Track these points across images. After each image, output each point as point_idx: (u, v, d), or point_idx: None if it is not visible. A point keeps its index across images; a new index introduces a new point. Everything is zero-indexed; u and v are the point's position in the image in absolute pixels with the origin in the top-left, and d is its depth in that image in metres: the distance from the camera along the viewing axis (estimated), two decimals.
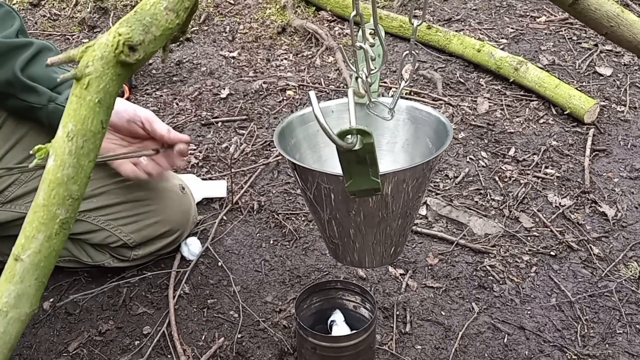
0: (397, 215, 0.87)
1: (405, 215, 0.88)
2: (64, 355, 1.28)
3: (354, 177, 0.72)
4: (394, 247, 0.93)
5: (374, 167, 0.71)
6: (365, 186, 0.73)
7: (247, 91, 2.20)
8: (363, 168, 0.71)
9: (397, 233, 0.91)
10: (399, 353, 1.27)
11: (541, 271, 1.48)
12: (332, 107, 1.00)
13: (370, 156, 0.69)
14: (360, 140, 0.67)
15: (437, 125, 0.94)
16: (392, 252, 0.94)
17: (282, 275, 1.46)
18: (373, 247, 0.91)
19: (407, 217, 0.90)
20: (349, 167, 0.71)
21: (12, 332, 0.57)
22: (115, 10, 2.84)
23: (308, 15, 2.77)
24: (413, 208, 0.89)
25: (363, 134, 0.66)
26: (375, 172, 0.72)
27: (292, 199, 1.70)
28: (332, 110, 0.99)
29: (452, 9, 2.82)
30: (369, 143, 0.67)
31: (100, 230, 1.35)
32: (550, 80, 2.10)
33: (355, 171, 0.72)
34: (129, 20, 0.58)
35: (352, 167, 0.71)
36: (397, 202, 0.84)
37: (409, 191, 0.84)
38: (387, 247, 0.92)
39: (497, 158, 1.87)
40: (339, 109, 0.99)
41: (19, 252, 0.56)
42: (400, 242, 0.94)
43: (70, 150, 0.56)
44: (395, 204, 0.84)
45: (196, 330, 1.33)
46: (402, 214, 0.87)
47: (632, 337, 1.32)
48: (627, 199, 1.70)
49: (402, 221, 0.89)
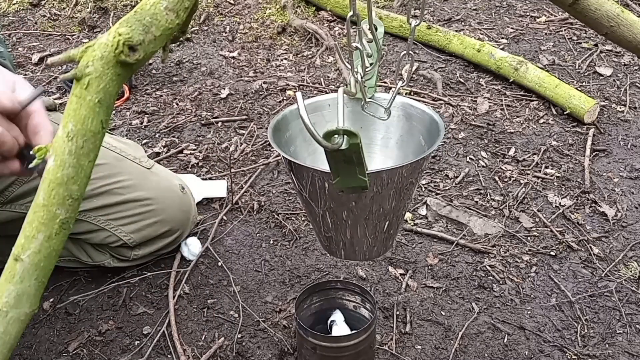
0: (390, 210, 0.88)
1: (397, 209, 0.89)
2: (64, 355, 1.28)
3: (342, 175, 0.73)
4: (385, 240, 0.94)
5: (360, 166, 0.72)
6: (353, 184, 0.74)
7: (247, 91, 2.20)
8: (350, 167, 0.71)
9: (389, 226, 0.92)
10: (399, 353, 1.27)
11: (541, 271, 1.48)
12: (329, 101, 1.00)
13: (357, 156, 0.69)
14: (346, 140, 0.67)
15: (430, 123, 0.94)
16: (384, 244, 0.95)
17: (282, 275, 1.46)
18: (366, 239, 0.92)
19: (399, 210, 0.91)
20: (336, 165, 0.72)
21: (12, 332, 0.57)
22: (115, 10, 2.84)
23: (308, 15, 2.77)
24: (404, 203, 0.90)
25: (349, 134, 0.67)
26: (362, 170, 0.72)
27: (292, 199, 1.70)
28: (329, 104, 1.00)
29: (452, 9, 2.82)
30: (354, 143, 0.67)
31: (100, 230, 1.35)
32: (550, 80, 2.10)
33: (343, 170, 0.72)
34: (129, 20, 0.58)
35: (339, 165, 0.72)
36: (389, 198, 0.85)
37: (400, 188, 0.86)
38: (379, 240, 0.93)
39: (497, 158, 1.87)
40: (334, 104, 1.00)
41: (19, 252, 0.56)
42: (392, 235, 0.95)
43: (70, 150, 0.56)
44: (387, 200, 0.85)
45: (196, 330, 1.33)
46: (395, 208, 0.89)
47: (632, 337, 1.32)
48: (627, 199, 1.70)
49: (394, 215, 0.90)
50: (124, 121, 2.06)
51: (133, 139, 1.95)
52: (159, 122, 2.05)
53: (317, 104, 1.00)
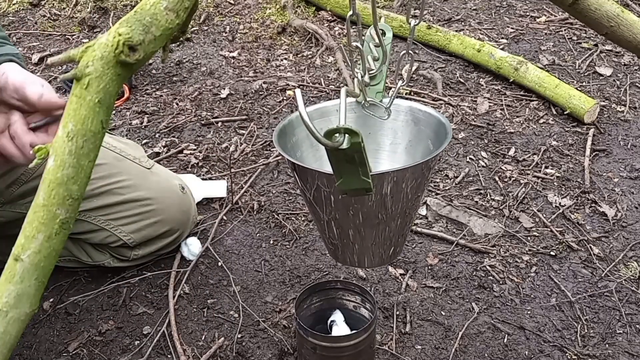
0: (396, 216, 0.87)
1: (404, 215, 0.88)
2: (64, 355, 1.28)
3: (344, 176, 0.72)
4: (393, 248, 0.93)
5: (363, 167, 0.71)
6: (356, 185, 0.73)
7: (247, 91, 2.20)
8: (352, 167, 0.71)
9: (396, 233, 0.91)
10: (399, 353, 1.27)
11: (541, 271, 1.48)
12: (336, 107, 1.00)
13: (359, 156, 0.69)
14: (348, 139, 0.67)
15: (437, 127, 0.94)
16: (392, 252, 0.94)
17: (282, 275, 1.46)
18: (372, 248, 0.91)
19: (406, 217, 0.90)
20: (338, 165, 0.71)
21: (12, 332, 0.56)
22: (115, 10, 2.84)
23: (308, 15, 2.77)
24: (412, 208, 0.89)
25: (350, 133, 0.66)
26: (364, 171, 0.72)
27: (292, 199, 1.70)
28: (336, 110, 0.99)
29: (452, 9, 2.82)
30: (356, 142, 0.67)
31: (100, 230, 1.35)
32: (550, 80, 2.10)
33: (345, 170, 0.72)
34: (129, 20, 0.58)
35: (341, 166, 0.71)
36: (396, 202, 0.84)
37: (408, 191, 0.84)
38: (386, 248, 0.92)
39: (497, 158, 1.87)
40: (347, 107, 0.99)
41: (19, 252, 0.56)
42: (400, 242, 0.94)
43: (70, 150, 0.56)
44: (394, 204, 0.84)
45: (196, 330, 1.33)
46: (401, 214, 0.87)
47: (632, 337, 1.32)
48: (627, 199, 1.70)
49: (401, 221, 0.89)
50: (124, 121, 2.06)
51: (133, 139, 1.95)
52: (159, 122, 2.05)
53: (324, 109, 0.99)
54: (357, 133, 0.66)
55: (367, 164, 0.71)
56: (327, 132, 0.66)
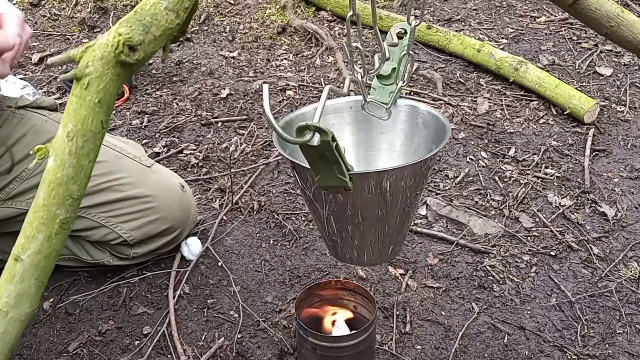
0: (396, 213, 0.87)
1: (403, 213, 0.89)
2: (64, 355, 1.28)
3: (321, 172, 0.73)
4: (392, 246, 0.93)
5: (337, 165, 0.71)
6: (333, 183, 0.74)
7: (247, 91, 2.20)
8: (326, 165, 0.71)
9: (396, 231, 0.91)
10: (399, 353, 1.27)
11: (541, 271, 1.48)
12: (350, 103, 1.01)
13: (331, 154, 0.69)
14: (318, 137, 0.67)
15: (440, 128, 0.94)
16: (391, 250, 0.94)
17: (282, 275, 1.46)
18: (372, 245, 0.91)
19: (406, 215, 0.90)
20: (313, 162, 0.72)
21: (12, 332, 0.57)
22: (115, 10, 2.84)
23: (308, 15, 2.77)
24: (411, 206, 0.90)
25: (320, 131, 0.66)
26: (340, 170, 0.72)
27: (292, 199, 1.70)
28: (351, 106, 1.00)
29: (452, 9, 2.82)
30: (325, 141, 0.67)
31: (100, 227, 1.35)
32: (550, 80, 2.10)
33: (320, 167, 0.72)
34: (129, 20, 0.58)
35: (315, 162, 0.72)
36: (396, 200, 0.85)
37: (407, 189, 0.85)
38: (385, 245, 0.92)
39: (497, 158, 1.87)
40: (356, 105, 1.00)
41: (19, 252, 0.57)
42: (399, 240, 0.94)
43: (70, 150, 0.56)
44: (393, 202, 0.85)
45: (196, 330, 1.33)
46: (401, 212, 0.88)
47: (632, 337, 1.32)
48: (627, 199, 1.70)
49: (400, 219, 0.89)
50: (124, 121, 2.06)
51: (133, 139, 1.95)
52: (159, 122, 2.05)
53: (337, 105, 1.00)
54: (327, 132, 0.66)
55: (342, 162, 0.71)
56: (299, 128, 0.66)
